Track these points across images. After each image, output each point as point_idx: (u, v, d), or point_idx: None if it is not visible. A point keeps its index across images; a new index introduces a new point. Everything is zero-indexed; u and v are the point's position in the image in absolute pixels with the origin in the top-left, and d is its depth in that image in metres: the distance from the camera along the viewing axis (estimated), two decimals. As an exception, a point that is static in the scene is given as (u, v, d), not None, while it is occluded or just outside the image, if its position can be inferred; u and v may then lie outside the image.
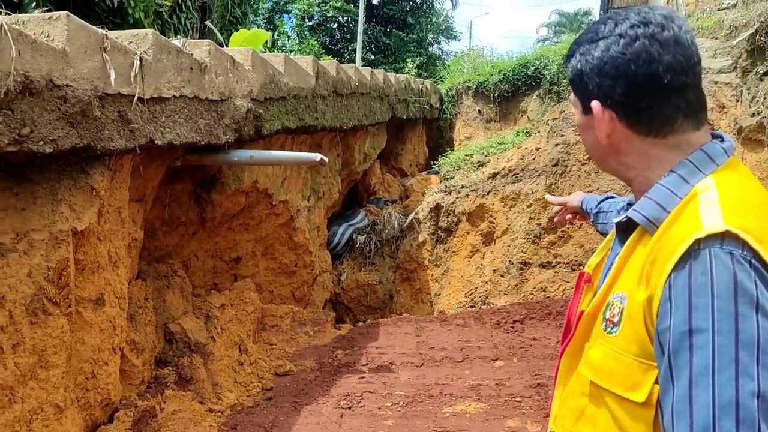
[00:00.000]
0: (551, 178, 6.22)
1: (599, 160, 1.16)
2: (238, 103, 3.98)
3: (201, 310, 4.41)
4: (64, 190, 2.69)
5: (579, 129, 1.17)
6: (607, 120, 1.06)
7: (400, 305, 7.08)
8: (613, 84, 1.04)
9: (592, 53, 1.07)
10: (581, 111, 1.13)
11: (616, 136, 1.07)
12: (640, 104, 1.03)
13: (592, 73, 1.07)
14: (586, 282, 1.22)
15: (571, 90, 1.16)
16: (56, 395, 2.63)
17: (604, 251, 1.24)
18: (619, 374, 0.99)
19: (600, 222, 1.73)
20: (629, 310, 0.98)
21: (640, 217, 1.03)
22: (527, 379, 4.02)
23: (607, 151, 1.11)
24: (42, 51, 2.38)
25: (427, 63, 21.13)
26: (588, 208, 1.83)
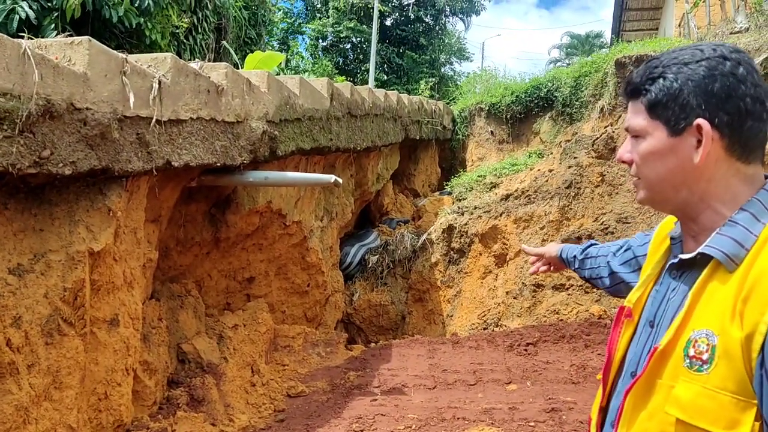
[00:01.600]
0: (564, 200, 6.20)
1: (668, 190, 1.13)
2: (253, 125, 4.02)
3: (214, 330, 4.41)
4: (81, 212, 2.72)
5: (652, 156, 1.12)
6: (710, 140, 1.06)
7: (413, 326, 7.05)
8: (722, 103, 1.05)
9: (696, 72, 1.07)
10: (667, 134, 1.10)
11: (710, 159, 1.07)
12: (744, 125, 1.05)
13: (697, 91, 1.06)
14: (627, 316, 1.22)
15: (646, 114, 1.13)
16: (69, 416, 2.63)
17: (644, 286, 1.23)
18: (714, 412, 0.98)
19: (587, 268, 1.74)
20: (724, 348, 0.98)
21: (719, 254, 1.03)
22: (541, 404, 3.97)
23: (687, 178, 1.10)
24: (64, 75, 2.43)
25: (440, 84, 21.25)
26: (569, 257, 1.83)
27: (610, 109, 7.19)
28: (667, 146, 1.10)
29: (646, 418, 1.08)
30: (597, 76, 8.43)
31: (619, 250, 1.62)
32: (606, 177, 6.04)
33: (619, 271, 1.58)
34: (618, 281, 1.59)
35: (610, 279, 1.63)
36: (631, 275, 1.52)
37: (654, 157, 1.12)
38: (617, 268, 1.58)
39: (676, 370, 1.05)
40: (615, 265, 1.60)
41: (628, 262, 1.56)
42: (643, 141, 1.14)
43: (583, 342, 4.90)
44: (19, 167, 2.23)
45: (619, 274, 1.57)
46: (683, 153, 1.09)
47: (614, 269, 1.60)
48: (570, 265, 1.84)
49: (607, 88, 7.71)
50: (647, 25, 17.68)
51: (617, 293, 1.63)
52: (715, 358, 0.99)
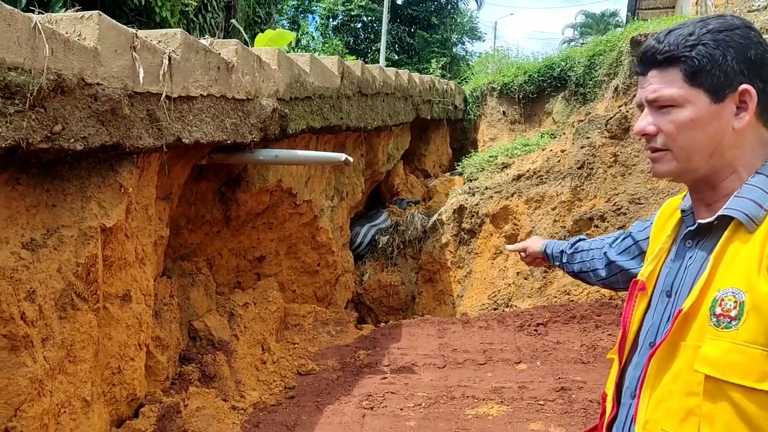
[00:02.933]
0: (576, 181, 6.15)
1: (704, 158, 1.13)
2: (264, 102, 4.00)
3: (225, 308, 4.44)
4: (93, 187, 2.73)
5: (694, 124, 1.12)
6: (753, 105, 1.09)
7: (423, 306, 7.07)
8: (759, 70, 1.09)
9: (733, 39, 1.09)
10: (709, 101, 1.10)
11: (746, 126, 1.11)
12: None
13: (739, 57, 1.09)
14: (641, 290, 1.24)
15: (686, 82, 1.12)
16: (84, 389, 2.67)
17: (656, 260, 1.25)
18: (744, 366, 1.00)
19: (577, 261, 1.75)
20: (753, 303, 1.00)
21: (741, 215, 1.06)
22: (550, 383, 3.98)
23: (725, 144, 1.12)
24: (74, 50, 2.42)
25: (451, 63, 21.07)
26: (554, 252, 1.85)
27: (625, 89, 7.09)
28: (709, 113, 1.11)
29: (671, 381, 1.09)
30: (612, 55, 8.31)
31: (615, 241, 1.63)
32: (619, 157, 5.98)
33: (617, 260, 1.58)
34: (616, 271, 1.60)
35: (607, 270, 1.63)
36: (631, 262, 1.53)
37: (695, 126, 1.12)
38: (615, 257, 1.59)
39: (702, 330, 1.06)
40: (613, 254, 1.60)
41: (627, 249, 1.56)
42: (679, 110, 1.12)
43: (594, 322, 4.88)
44: (31, 142, 2.23)
45: (618, 263, 1.58)
46: (724, 120, 1.10)
47: (612, 258, 1.60)
48: (554, 260, 1.86)
49: (622, 68, 7.60)
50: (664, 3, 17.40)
51: (611, 285, 1.65)
52: (744, 313, 1.00)
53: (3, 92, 2.06)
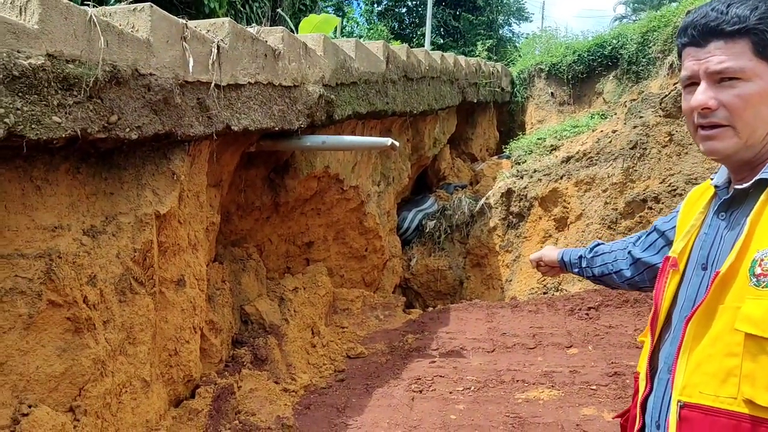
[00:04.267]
0: (628, 162, 5.99)
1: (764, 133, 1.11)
2: (310, 88, 4.03)
3: (275, 293, 4.52)
4: (147, 176, 2.81)
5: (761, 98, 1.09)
6: None
7: (471, 291, 7.03)
8: None
9: None
10: None
11: None
12: None
13: None
14: (672, 266, 1.24)
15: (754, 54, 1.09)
16: (143, 370, 2.77)
17: (688, 236, 1.25)
18: None
19: (599, 265, 1.74)
20: None
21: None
22: (603, 367, 3.91)
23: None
24: (128, 41, 2.48)
25: (498, 46, 20.71)
26: (571, 259, 1.85)
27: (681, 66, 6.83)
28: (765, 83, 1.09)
29: (709, 344, 1.09)
30: (666, 30, 8.01)
31: (638, 239, 1.63)
32: (674, 137, 5.78)
33: (643, 257, 1.57)
34: (642, 269, 1.59)
35: (633, 269, 1.62)
36: (657, 257, 1.52)
37: (762, 101, 1.09)
38: (641, 255, 1.58)
39: (742, 291, 1.05)
40: (638, 252, 1.60)
41: (653, 244, 1.55)
42: (746, 84, 1.09)
43: (648, 306, 4.77)
44: (89, 132, 2.30)
45: (644, 259, 1.57)
46: None
47: (638, 256, 1.59)
48: (572, 267, 1.85)
49: (677, 44, 7.31)
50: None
51: (636, 285, 1.64)
52: None
53: (62, 84, 2.13)
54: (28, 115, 1.99)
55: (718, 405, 1.05)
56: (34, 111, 2.02)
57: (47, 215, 2.32)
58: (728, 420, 1.04)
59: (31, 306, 2.20)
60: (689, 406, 1.09)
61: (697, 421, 1.08)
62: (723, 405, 1.05)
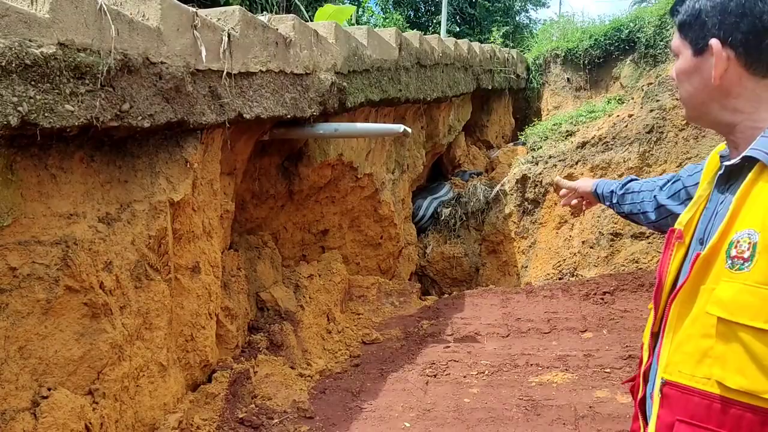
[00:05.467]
0: (645, 146, 5.93)
1: (699, 106, 1.18)
2: (322, 76, 4.04)
3: (290, 280, 4.57)
4: (161, 163, 2.85)
5: (682, 75, 1.18)
6: (724, 59, 1.10)
7: (486, 278, 7.03)
8: (738, 22, 1.08)
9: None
10: (691, 54, 1.15)
11: (729, 77, 1.11)
12: (762, 43, 1.08)
13: (714, 11, 1.10)
14: (678, 239, 1.23)
15: (678, 34, 1.18)
16: (160, 355, 2.82)
17: (695, 208, 1.24)
18: (755, 307, 0.99)
19: (628, 203, 1.75)
20: (765, 244, 0.99)
21: (762, 155, 1.05)
22: (617, 351, 3.90)
23: (713, 95, 1.14)
24: (138, 30, 2.51)
25: (515, 32, 20.51)
26: (606, 191, 1.84)
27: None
28: (692, 65, 1.16)
29: (690, 324, 1.10)
30: (683, 13, 7.88)
31: (666, 183, 1.61)
32: (691, 120, 5.71)
33: (666, 203, 1.57)
34: (665, 215, 1.59)
35: (656, 213, 1.62)
36: (680, 207, 1.50)
37: (684, 76, 1.18)
38: (665, 201, 1.58)
39: (719, 273, 1.06)
40: (662, 198, 1.59)
41: (677, 193, 1.54)
42: (677, 61, 1.19)
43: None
44: (102, 120, 2.34)
45: (668, 206, 1.56)
46: (706, 72, 1.13)
47: (661, 202, 1.59)
48: (605, 200, 1.86)
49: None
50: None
51: (661, 228, 1.63)
52: (756, 254, 1.00)
53: (74, 72, 2.17)
54: (41, 104, 2.03)
55: (693, 384, 1.08)
56: (47, 99, 2.05)
57: (63, 203, 2.37)
58: (701, 399, 1.06)
59: (49, 291, 2.25)
60: (670, 384, 1.12)
61: (675, 398, 1.11)
62: (698, 385, 1.07)
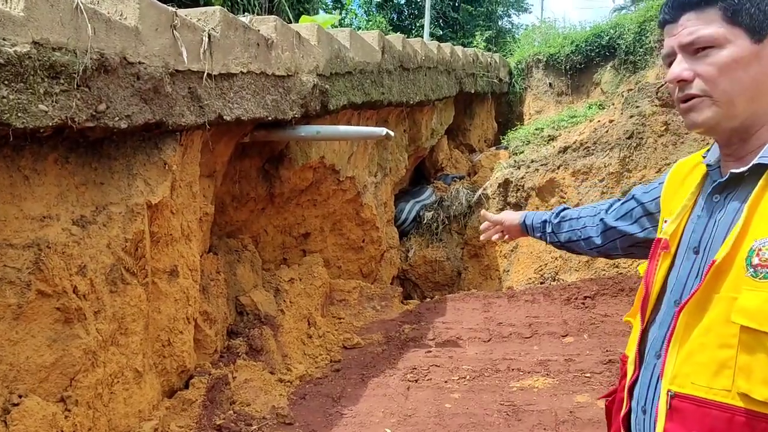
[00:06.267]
0: (625, 151, 5.98)
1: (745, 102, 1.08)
2: (304, 78, 4.01)
3: (270, 284, 4.52)
4: (138, 165, 2.80)
5: (736, 64, 1.07)
6: None
7: (469, 282, 7.03)
8: None
9: None
10: (750, 41, 1.06)
11: None
12: None
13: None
14: (663, 248, 1.21)
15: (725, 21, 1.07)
16: (135, 360, 2.77)
17: (679, 218, 1.21)
18: None
19: (566, 231, 1.70)
20: None
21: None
22: (598, 355, 3.91)
23: (765, 88, 1.07)
24: (116, 29, 2.46)
25: (497, 37, 20.61)
26: (537, 222, 1.80)
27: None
28: (751, 53, 1.06)
29: (702, 334, 1.06)
30: (663, 20, 7.96)
31: (611, 207, 1.58)
32: (671, 126, 5.76)
33: (617, 225, 1.53)
34: (613, 237, 1.55)
35: (603, 237, 1.59)
36: (633, 226, 1.48)
37: (737, 66, 1.07)
38: (614, 223, 1.54)
39: (738, 281, 1.03)
40: (610, 220, 1.55)
41: (629, 213, 1.50)
42: (719, 51, 1.08)
43: (644, 296, 4.76)
44: (78, 120, 2.29)
45: (618, 228, 1.53)
46: (765, 60, 1.06)
47: (610, 224, 1.55)
48: (535, 231, 1.81)
49: (674, 33, 7.27)
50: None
51: (606, 252, 1.60)
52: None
53: (48, 72, 2.11)
54: (15, 104, 1.98)
55: (711, 397, 1.04)
56: (20, 99, 2.00)
57: (36, 205, 2.31)
58: (721, 413, 1.02)
59: (20, 296, 2.19)
60: (680, 397, 1.07)
61: (689, 412, 1.06)
62: (716, 397, 1.03)
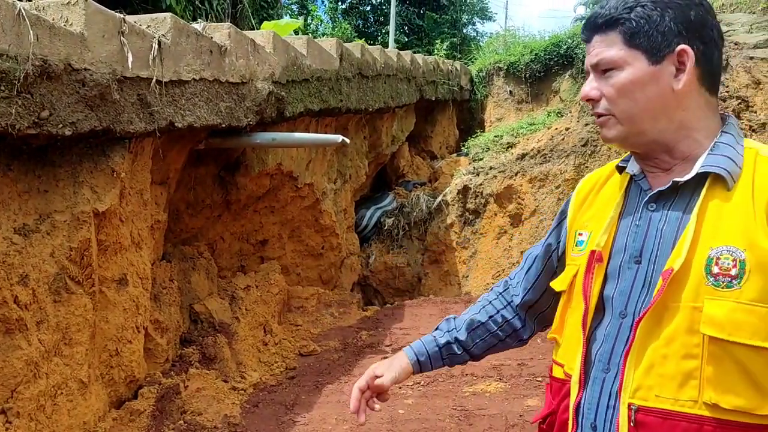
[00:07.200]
0: (580, 158, 6.11)
1: (647, 120, 1.11)
2: (259, 85, 4.01)
3: (226, 292, 4.49)
4: (85, 173, 2.76)
5: (633, 86, 1.10)
6: (691, 66, 1.08)
7: (429, 288, 7.08)
8: (699, 31, 1.08)
9: (679, 8, 1.08)
10: (647, 62, 1.10)
11: (689, 87, 1.09)
12: (714, 56, 1.09)
13: (677, 18, 1.08)
14: (598, 261, 1.19)
15: (624, 44, 1.11)
16: (80, 371, 2.72)
17: (609, 229, 1.19)
18: (752, 325, 0.98)
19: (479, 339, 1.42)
20: (756, 261, 0.99)
21: (723, 171, 1.06)
22: (549, 360, 3.98)
23: (668, 105, 1.10)
24: (60, 35, 2.43)
25: (462, 44, 20.85)
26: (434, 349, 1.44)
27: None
28: (648, 74, 1.10)
29: (664, 345, 1.05)
30: (618, 31, 8.18)
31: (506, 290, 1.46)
32: (623, 134, 5.93)
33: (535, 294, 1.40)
34: (546, 304, 1.39)
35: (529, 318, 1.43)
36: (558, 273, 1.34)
37: (635, 87, 1.11)
38: (532, 295, 1.40)
39: (698, 290, 1.03)
40: (529, 296, 1.40)
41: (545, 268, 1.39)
42: (619, 72, 1.12)
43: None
44: (19, 128, 2.26)
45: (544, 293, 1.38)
46: (664, 81, 1.09)
47: (530, 298, 1.40)
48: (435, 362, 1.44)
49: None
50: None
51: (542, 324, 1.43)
52: (745, 272, 1.00)
53: (-14, 79, 2.08)
54: (-51, 111, 1.94)
55: (678, 408, 1.03)
56: (-44, 106, 1.96)
57: (-26, 213, 2.26)
58: (689, 424, 1.02)
59: (-43, 306, 2.15)
60: (645, 410, 1.05)
61: (655, 425, 1.04)
62: (683, 408, 1.03)
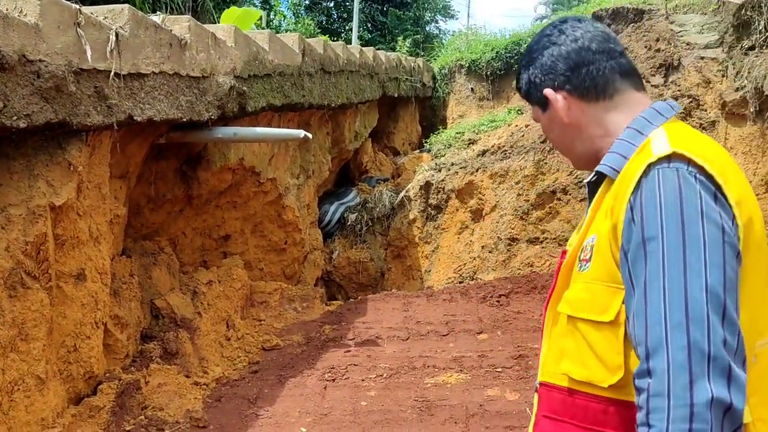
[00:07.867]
0: (539, 155, 6.24)
1: (570, 149, 1.27)
2: (220, 80, 3.99)
3: (188, 287, 4.46)
4: (41, 166, 2.72)
5: (546, 132, 1.30)
6: (561, 100, 1.21)
7: (392, 282, 7.14)
8: (554, 67, 1.22)
9: (536, 61, 1.25)
10: (542, 112, 1.27)
11: (575, 113, 1.21)
12: (581, 72, 1.20)
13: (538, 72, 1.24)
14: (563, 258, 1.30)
15: (529, 104, 1.32)
16: (37, 367, 2.68)
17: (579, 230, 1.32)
18: (590, 302, 1.09)
19: None
20: (598, 245, 1.09)
21: (606, 168, 1.15)
22: (509, 351, 4.08)
23: (573, 133, 1.24)
24: (14, 26, 2.39)
25: (425, 42, 20.96)
26: None
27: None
28: (547, 120, 1.27)
29: (552, 326, 1.22)
30: (576, 30, 8.35)
31: None
32: (580, 131, 6.07)
33: None
34: None
35: None
36: None
37: (548, 132, 1.30)
38: None
39: (575, 277, 1.16)
40: None
41: None
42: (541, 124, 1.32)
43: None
44: (-29, 120, 2.22)
45: None
46: (557, 119, 1.24)
47: None
48: None
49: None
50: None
51: None
52: (593, 255, 1.10)
53: (-63, 69, 2.04)
54: None
55: (553, 381, 1.18)
56: None
57: (-75, 207, 2.21)
58: (558, 394, 1.16)
59: None
60: (543, 385, 1.22)
61: (543, 397, 1.21)
62: (555, 380, 1.17)
